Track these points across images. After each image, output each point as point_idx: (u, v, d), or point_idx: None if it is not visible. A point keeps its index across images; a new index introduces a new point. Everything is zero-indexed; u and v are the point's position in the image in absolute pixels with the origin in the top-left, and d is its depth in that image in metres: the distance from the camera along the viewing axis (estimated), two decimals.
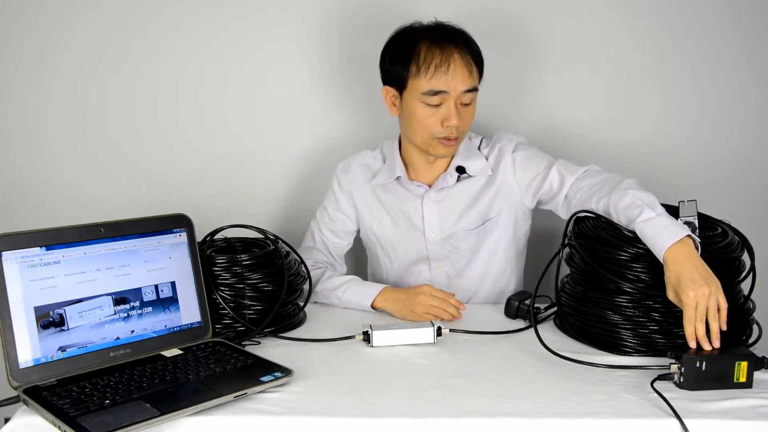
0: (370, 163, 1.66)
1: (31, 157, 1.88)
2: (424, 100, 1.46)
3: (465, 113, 1.48)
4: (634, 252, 1.21)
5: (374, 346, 1.26)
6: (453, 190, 1.59)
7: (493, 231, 1.59)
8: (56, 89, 1.85)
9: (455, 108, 1.46)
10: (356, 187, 1.65)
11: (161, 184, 1.89)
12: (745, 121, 1.86)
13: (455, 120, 1.45)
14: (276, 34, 1.83)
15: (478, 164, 1.58)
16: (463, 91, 1.45)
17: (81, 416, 0.95)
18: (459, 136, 1.49)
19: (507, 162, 1.57)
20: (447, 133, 1.48)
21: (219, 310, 1.30)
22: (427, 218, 1.59)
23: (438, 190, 1.59)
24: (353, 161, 1.68)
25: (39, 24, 1.81)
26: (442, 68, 1.44)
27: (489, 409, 1.02)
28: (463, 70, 1.45)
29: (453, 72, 1.44)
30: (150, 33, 1.82)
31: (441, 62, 1.44)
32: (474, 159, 1.58)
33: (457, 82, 1.45)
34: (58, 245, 1.11)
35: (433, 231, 1.60)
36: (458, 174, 1.58)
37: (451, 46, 1.45)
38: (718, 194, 1.86)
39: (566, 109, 1.85)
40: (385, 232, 1.64)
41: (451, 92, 1.45)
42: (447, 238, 1.59)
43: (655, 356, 1.19)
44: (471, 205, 1.58)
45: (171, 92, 1.86)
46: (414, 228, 1.61)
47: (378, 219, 1.64)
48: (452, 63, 1.44)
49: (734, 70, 1.83)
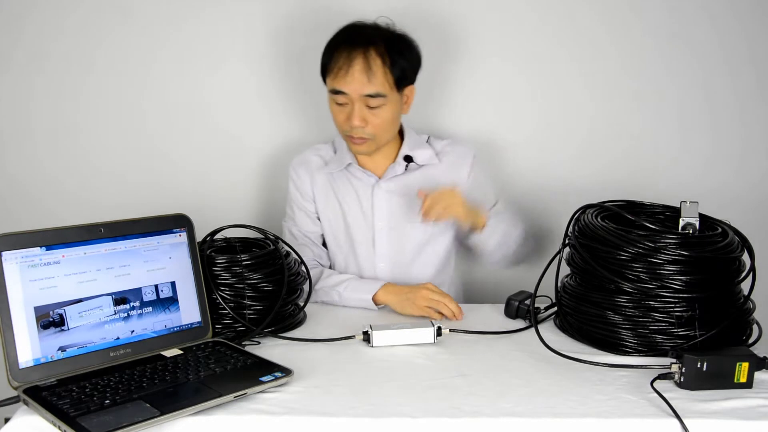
0: (323, 154, 1.72)
1: (27, 157, 1.89)
2: (332, 98, 1.55)
3: (372, 116, 1.53)
4: (634, 252, 1.21)
5: (374, 346, 1.26)
6: (403, 180, 1.65)
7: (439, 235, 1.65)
8: (54, 89, 1.85)
9: (357, 109, 1.51)
10: (311, 176, 1.69)
11: (161, 184, 1.89)
12: (745, 122, 1.87)
13: (355, 120, 1.51)
14: (275, 36, 1.83)
15: (425, 153, 1.65)
16: (362, 95, 1.50)
17: (81, 416, 0.95)
18: (367, 137, 1.55)
19: (465, 167, 1.66)
20: (352, 132, 1.54)
21: (219, 310, 1.30)
22: (377, 206, 1.64)
23: (388, 180, 1.64)
24: (306, 153, 1.72)
25: (33, 25, 1.82)
26: (342, 70, 1.50)
27: (489, 409, 1.02)
28: (362, 75, 1.49)
29: (351, 76, 1.49)
30: (147, 33, 1.83)
31: (342, 64, 1.50)
32: (421, 149, 1.66)
33: (355, 85, 1.50)
34: (58, 245, 1.11)
35: (381, 219, 1.64)
36: (406, 163, 1.64)
37: (359, 49, 1.50)
38: (718, 194, 1.86)
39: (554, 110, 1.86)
40: (337, 220, 1.68)
41: (350, 94, 1.51)
42: (394, 228, 1.64)
43: (655, 356, 1.19)
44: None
45: (171, 92, 1.86)
46: (363, 216, 1.65)
47: (331, 207, 1.68)
48: (353, 67, 1.49)
49: (738, 73, 1.84)
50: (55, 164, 1.89)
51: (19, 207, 1.90)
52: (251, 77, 1.85)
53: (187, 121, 1.87)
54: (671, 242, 1.18)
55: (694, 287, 1.18)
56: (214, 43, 1.83)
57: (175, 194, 1.89)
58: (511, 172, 1.89)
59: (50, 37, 1.82)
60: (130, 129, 1.88)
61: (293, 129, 1.88)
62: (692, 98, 1.85)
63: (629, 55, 1.82)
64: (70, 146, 1.88)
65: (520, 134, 1.87)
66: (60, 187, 1.90)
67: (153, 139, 1.88)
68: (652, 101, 1.85)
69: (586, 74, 1.84)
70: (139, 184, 1.89)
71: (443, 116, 1.87)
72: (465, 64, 1.83)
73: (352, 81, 1.50)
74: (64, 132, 1.87)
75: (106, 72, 1.84)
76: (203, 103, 1.86)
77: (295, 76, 1.84)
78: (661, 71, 1.83)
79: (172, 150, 1.88)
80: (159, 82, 1.85)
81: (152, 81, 1.85)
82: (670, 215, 1.36)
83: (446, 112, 1.87)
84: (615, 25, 1.81)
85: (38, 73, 1.84)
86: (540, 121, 1.87)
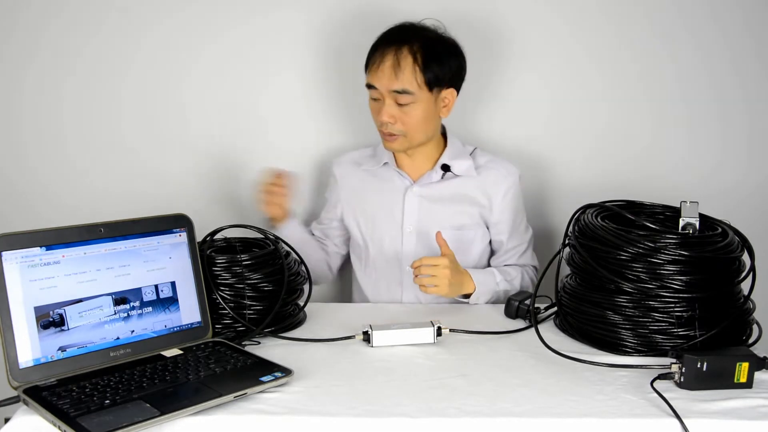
0: (359, 156, 1.74)
1: (20, 157, 1.89)
2: (369, 92, 1.58)
3: (403, 114, 1.54)
4: (634, 252, 1.20)
5: (374, 346, 1.26)
6: (437, 187, 1.64)
7: (469, 246, 1.65)
8: (54, 89, 1.85)
9: (387, 105, 1.54)
10: (346, 177, 1.72)
11: (161, 184, 1.89)
12: (753, 125, 1.87)
13: (384, 116, 1.54)
14: (274, 36, 1.83)
15: (463, 164, 1.64)
16: (390, 90, 1.52)
17: (81, 416, 0.95)
18: (398, 134, 1.56)
19: (504, 186, 1.64)
20: (383, 128, 1.57)
21: (219, 310, 1.30)
22: (407, 210, 1.64)
23: (422, 185, 1.65)
24: (346, 154, 1.77)
25: (24, 25, 1.82)
26: (374, 65, 1.55)
27: (489, 409, 1.02)
28: (390, 71, 1.52)
29: (381, 71, 1.53)
30: (150, 32, 1.83)
31: (375, 59, 1.55)
32: (460, 159, 1.65)
33: (383, 80, 1.53)
34: (58, 245, 1.11)
35: (410, 224, 1.64)
36: (443, 171, 1.64)
37: (392, 46, 1.53)
38: (725, 197, 1.86)
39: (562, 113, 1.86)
40: (366, 219, 1.69)
41: (380, 89, 1.54)
42: (422, 234, 1.63)
43: (655, 356, 1.19)
44: (451, 204, 1.63)
45: (171, 92, 1.86)
46: (393, 220, 1.65)
47: (362, 207, 1.70)
48: (384, 62, 1.53)
49: (746, 75, 1.84)
50: (64, 164, 1.89)
51: (12, 210, 1.90)
52: (255, 80, 1.85)
53: (188, 120, 1.87)
54: (671, 242, 1.18)
55: (694, 287, 1.18)
56: (220, 45, 1.83)
57: (175, 194, 1.90)
58: None
59: (50, 36, 1.82)
60: (130, 129, 1.88)
61: (293, 129, 1.89)
62: (700, 101, 1.85)
63: (639, 58, 1.83)
64: (70, 147, 1.88)
65: (529, 135, 1.88)
66: (60, 188, 1.90)
67: (153, 139, 1.88)
68: (660, 104, 1.85)
69: (596, 77, 1.84)
70: (138, 184, 1.89)
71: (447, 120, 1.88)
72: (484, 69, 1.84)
73: (382, 76, 1.53)
74: (64, 132, 1.88)
75: (112, 72, 1.84)
76: (206, 103, 1.86)
77: (303, 80, 1.85)
78: (669, 74, 1.84)
79: (173, 150, 1.88)
80: (163, 83, 1.85)
81: (157, 82, 1.85)
82: (670, 215, 1.36)
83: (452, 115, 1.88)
84: (626, 28, 1.81)
85: (38, 73, 1.84)
86: (550, 123, 1.87)
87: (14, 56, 1.83)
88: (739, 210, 1.84)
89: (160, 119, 1.87)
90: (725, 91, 1.85)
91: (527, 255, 1.70)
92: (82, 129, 1.88)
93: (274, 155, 1.89)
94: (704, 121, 1.86)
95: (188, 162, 1.89)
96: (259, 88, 1.86)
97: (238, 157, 1.89)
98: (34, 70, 1.84)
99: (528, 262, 1.70)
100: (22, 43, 1.82)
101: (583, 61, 1.84)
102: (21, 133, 1.88)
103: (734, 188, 1.89)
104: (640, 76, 1.84)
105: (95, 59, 1.84)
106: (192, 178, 1.90)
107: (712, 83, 1.84)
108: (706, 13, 1.80)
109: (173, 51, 1.84)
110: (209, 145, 1.89)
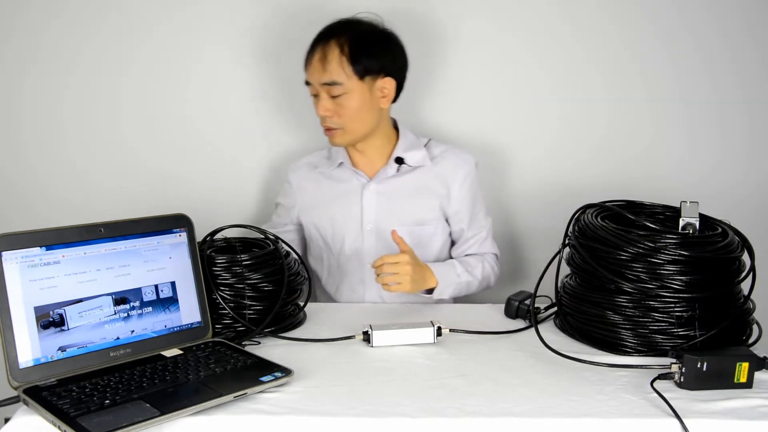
0: (316, 160, 1.74)
1: (20, 157, 1.89)
2: (309, 90, 1.60)
3: (337, 105, 1.56)
4: (634, 252, 1.20)
5: (374, 346, 1.26)
6: (394, 182, 1.65)
7: (429, 240, 1.65)
8: (54, 90, 1.85)
9: (322, 99, 1.56)
10: (302, 181, 1.72)
11: (161, 184, 1.89)
12: (753, 125, 1.87)
13: (319, 110, 1.57)
14: (273, 37, 1.83)
15: (417, 155, 1.66)
16: (321, 83, 1.55)
17: (81, 416, 0.95)
18: (336, 127, 1.58)
19: (460, 174, 1.65)
20: (322, 123, 1.59)
21: (219, 310, 1.30)
22: (366, 208, 1.64)
23: (378, 182, 1.65)
24: (301, 159, 1.76)
25: (24, 25, 1.82)
26: (307, 62, 1.59)
27: (489, 409, 1.02)
28: (318, 64, 1.55)
29: (312, 66, 1.57)
30: (151, 33, 1.83)
31: (308, 55, 1.59)
32: (414, 150, 1.66)
33: (315, 74, 1.56)
34: (58, 245, 1.11)
35: (370, 222, 1.64)
36: (398, 165, 1.65)
37: (321, 41, 1.56)
38: (725, 197, 1.86)
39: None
40: (325, 219, 1.68)
41: (314, 83, 1.57)
42: (381, 231, 1.63)
43: (655, 356, 1.19)
44: (409, 198, 1.64)
45: (171, 92, 1.86)
46: (351, 217, 1.66)
47: (320, 208, 1.69)
48: (313, 57, 1.56)
49: (746, 75, 1.84)
50: (64, 164, 1.89)
51: (12, 210, 1.90)
52: (255, 81, 1.85)
53: (188, 121, 1.87)
54: (671, 242, 1.18)
55: (694, 287, 1.18)
56: (219, 46, 1.83)
57: (175, 194, 1.89)
58: (514, 174, 1.89)
59: (50, 36, 1.82)
60: (130, 129, 1.88)
61: (293, 129, 1.88)
62: (700, 101, 1.85)
63: (639, 58, 1.83)
64: (70, 147, 1.88)
65: (528, 136, 1.88)
66: (60, 188, 1.90)
67: (153, 138, 1.88)
68: (660, 104, 1.85)
69: (596, 78, 1.84)
70: (138, 184, 1.89)
71: (448, 117, 1.88)
72: (472, 65, 1.84)
73: (313, 71, 1.56)
74: (64, 132, 1.88)
75: (112, 72, 1.84)
76: (206, 103, 1.86)
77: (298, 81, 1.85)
78: (669, 75, 1.84)
79: (173, 150, 1.88)
80: (163, 83, 1.85)
81: (157, 82, 1.85)
82: (670, 215, 1.36)
83: (451, 113, 1.88)
84: (625, 28, 1.82)
85: (39, 74, 1.84)
86: (549, 124, 1.87)
87: (14, 56, 1.84)
88: (739, 210, 1.85)
89: (160, 119, 1.87)
90: (725, 91, 1.85)
91: (487, 243, 1.71)
92: (82, 129, 1.88)
93: (274, 155, 1.89)
94: (704, 121, 1.87)
95: (188, 162, 1.89)
96: (257, 88, 1.86)
97: (240, 157, 1.89)
98: (34, 70, 1.84)
99: (488, 249, 1.71)
100: (22, 43, 1.83)
101: (583, 61, 1.84)
102: (21, 133, 1.88)
103: (734, 188, 1.89)
104: (640, 76, 1.84)
105: (95, 59, 1.84)
106: (192, 178, 1.90)
107: (712, 83, 1.85)
108: (706, 13, 1.81)
109: (173, 51, 1.84)
110: (209, 145, 1.89)
